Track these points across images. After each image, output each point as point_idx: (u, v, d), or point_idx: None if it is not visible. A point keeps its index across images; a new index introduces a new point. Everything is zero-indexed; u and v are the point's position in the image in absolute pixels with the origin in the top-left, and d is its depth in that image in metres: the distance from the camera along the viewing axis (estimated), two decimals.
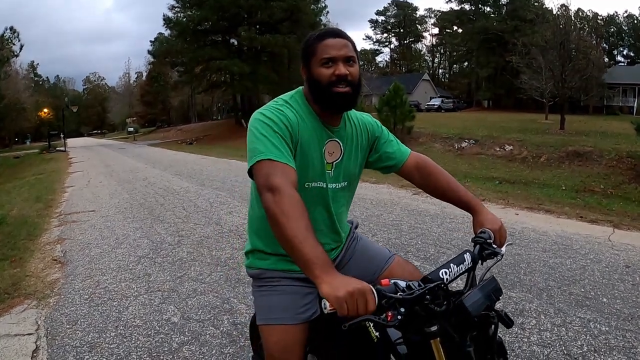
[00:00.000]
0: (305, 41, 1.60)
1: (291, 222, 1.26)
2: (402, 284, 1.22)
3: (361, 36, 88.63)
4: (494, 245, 1.54)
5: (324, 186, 1.65)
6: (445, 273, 1.33)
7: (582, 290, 3.70)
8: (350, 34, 1.59)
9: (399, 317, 1.17)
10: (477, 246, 1.53)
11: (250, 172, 1.44)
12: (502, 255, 1.52)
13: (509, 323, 1.31)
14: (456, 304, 1.25)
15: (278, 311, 1.64)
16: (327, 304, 1.11)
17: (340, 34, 1.57)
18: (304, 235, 1.24)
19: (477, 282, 1.38)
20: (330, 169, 1.65)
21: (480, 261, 1.50)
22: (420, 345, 1.31)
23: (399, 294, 1.18)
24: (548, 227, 5.70)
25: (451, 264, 1.37)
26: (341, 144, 1.67)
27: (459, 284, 1.57)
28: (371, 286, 1.15)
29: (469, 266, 1.42)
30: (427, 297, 1.22)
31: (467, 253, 1.45)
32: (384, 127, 1.87)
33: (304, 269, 1.21)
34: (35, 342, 3.26)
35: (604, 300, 3.51)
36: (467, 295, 1.27)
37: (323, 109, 1.60)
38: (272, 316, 1.64)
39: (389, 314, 1.17)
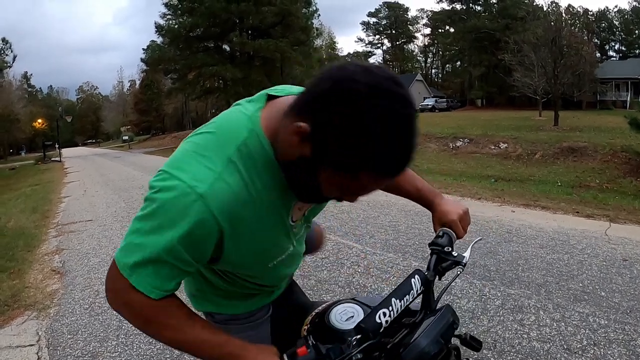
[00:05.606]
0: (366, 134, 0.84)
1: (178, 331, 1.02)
2: (324, 349, 0.98)
3: (353, 39, 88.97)
4: (454, 254, 1.27)
5: (291, 249, 1.23)
6: (384, 315, 1.02)
7: (580, 285, 3.73)
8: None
9: None
10: (434, 256, 1.26)
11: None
12: (465, 265, 1.25)
13: (476, 347, 1.14)
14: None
15: None
16: None
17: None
18: (203, 336, 1.03)
19: (435, 299, 1.18)
20: (299, 223, 1.24)
21: (437, 276, 1.23)
22: None
23: None
24: (544, 223, 5.73)
25: (392, 299, 1.05)
26: None
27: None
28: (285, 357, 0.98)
29: (420, 291, 1.13)
30: (358, 356, 0.97)
31: (417, 275, 1.14)
32: None
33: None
34: (37, 353, 3.26)
35: (602, 294, 3.53)
36: (409, 348, 1.01)
37: (294, 194, 1.07)
38: None
39: None
